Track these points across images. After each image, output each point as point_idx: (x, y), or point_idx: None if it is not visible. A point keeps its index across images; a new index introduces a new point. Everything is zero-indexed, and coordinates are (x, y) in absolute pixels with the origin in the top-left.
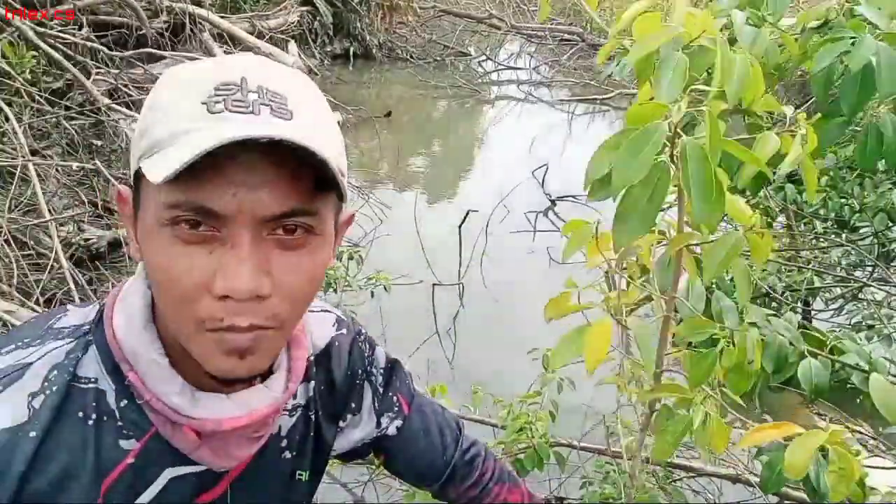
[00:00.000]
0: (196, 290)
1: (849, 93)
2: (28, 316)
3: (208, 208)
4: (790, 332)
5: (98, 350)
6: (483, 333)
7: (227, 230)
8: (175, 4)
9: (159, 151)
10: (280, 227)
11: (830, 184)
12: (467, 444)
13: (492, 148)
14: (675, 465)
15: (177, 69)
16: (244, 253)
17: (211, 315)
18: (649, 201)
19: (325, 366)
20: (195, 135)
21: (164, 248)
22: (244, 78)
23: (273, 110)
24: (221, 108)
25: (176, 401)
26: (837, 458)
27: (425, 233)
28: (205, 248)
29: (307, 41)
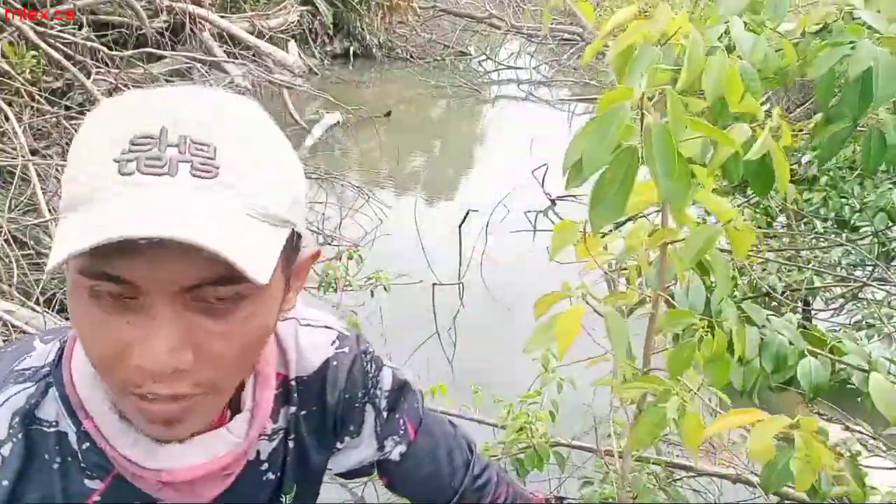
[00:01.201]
0: (115, 357)
1: (851, 98)
2: (28, 316)
3: (119, 277)
4: (790, 332)
5: (58, 393)
6: (483, 333)
7: (146, 298)
8: (175, 4)
9: (72, 212)
10: (204, 295)
11: (830, 184)
12: (479, 469)
13: (492, 148)
14: (675, 465)
15: (108, 103)
16: (162, 325)
17: (130, 382)
18: (621, 184)
19: (317, 387)
20: (103, 205)
21: (82, 311)
22: (164, 129)
23: (193, 167)
24: (132, 169)
25: (129, 452)
26: (803, 444)
27: (425, 233)
28: (122, 317)
29: (307, 41)
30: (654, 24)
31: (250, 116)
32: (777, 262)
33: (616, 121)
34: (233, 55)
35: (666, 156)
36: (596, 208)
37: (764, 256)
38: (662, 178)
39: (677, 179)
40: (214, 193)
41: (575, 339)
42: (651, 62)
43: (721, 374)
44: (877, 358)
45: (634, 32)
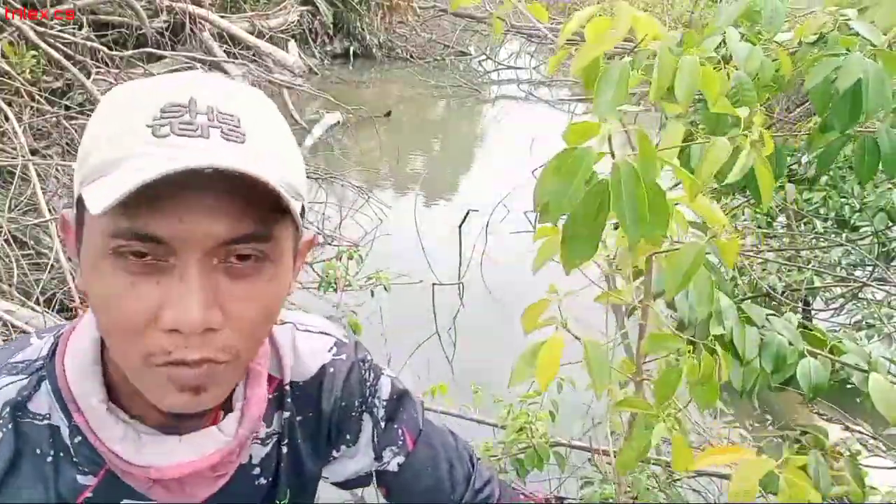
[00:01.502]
0: (142, 323)
1: (840, 110)
2: (28, 316)
3: (154, 236)
4: (789, 332)
5: (50, 386)
6: (483, 333)
7: (175, 259)
8: (175, 4)
9: (101, 178)
10: (232, 254)
11: (830, 184)
12: (481, 483)
13: (492, 148)
14: None
15: (120, 89)
16: (193, 283)
17: (160, 349)
18: (594, 222)
19: (313, 393)
20: (138, 160)
21: (107, 279)
22: (192, 98)
23: (224, 133)
24: (167, 132)
25: (118, 447)
26: (788, 487)
27: (425, 233)
28: (151, 279)
29: (307, 41)
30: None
31: (259, 97)
32: (777, 262)
33: (583, 165)
34: (233, 55)
35: (634, 200)
36: (569, 249)
37: (764, 256)
38: (631, 225)
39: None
40: (243, 156)
41: (575, 339)
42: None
43: (709, 396)
44: (876, 358)
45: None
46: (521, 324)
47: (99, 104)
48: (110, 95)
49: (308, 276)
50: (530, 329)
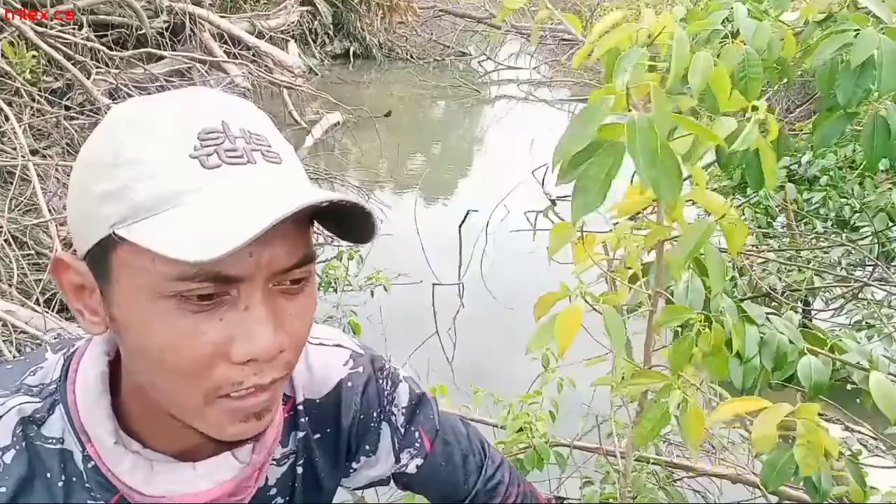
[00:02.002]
0: (210, 360)
1: (846, 84)
2: (28, 316)
3: (226, 275)
4: (790, 331)
5: (64, 411)
6: (483, 333)
7: (239, 291)
8: (175, 4)
9: (150, 217)
10: (288, 278)
11: (830, 183)
12: (492, 470)
13: (492, 148)
14: (675, 465)
15: (132, 114)
16: (261, 313)
17: (228, 382)
18: (605, 178)
19: (331, 410)
20: (201, 197)
21: (167, 323)
22: (225, 122)
23: (264, 155)
24: (217, 162)
25: (128, 478)
26: (805, 430)
27: (425, 232)
28: (214, 316)
29: (307, 41)
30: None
31: (256, 109)
32: (777, 262)
33: (597, 115)
34: (233, 55)
35: (648, 147)
36: (578, 199)
37: (764, 256)
38: (645, 168)
39: (664, 173)
40: (290, 177)
41: (574, 339)
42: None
43: (720, 367)
44: (877, 357)
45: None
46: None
47: (107, 128)
48: (125, 120)
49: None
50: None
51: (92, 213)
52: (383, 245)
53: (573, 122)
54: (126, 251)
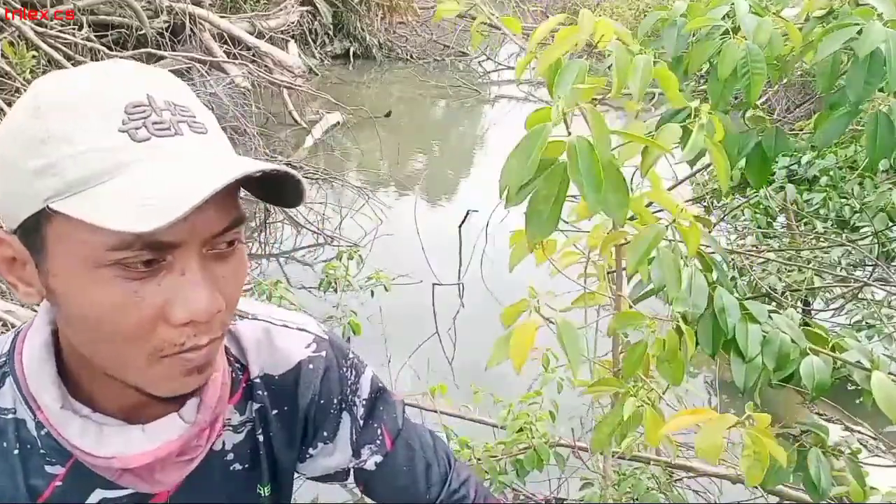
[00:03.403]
0: (151, 324)
1: (855, 80)
2: (28, 316)
3: (163, 242)
4: (792, 330)
5: (13, 381)
6: (483, 333)
7: (175, 256)
8: (175, 4)
9: (85, 190)
10: (221, 241)
11: (830, 184)
12: (457, 484)
13: (492, 148)
14: (675, 465)
15: (56, 90)
16: (198, 277)
17: (169, 343)
18: (554, 202)
19: (289, 387)
20: (134, 169)
21: (106, 291)
22: (150, 95)
23: (190, 126)
24: (147, 135)
25: (78, 441)
26: (751, 441)
27: (425, 232)
28: (153, 281)
29: (307, 41)
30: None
31: (175, 78)
32: (777, 262)
33: (538, 142)
34: (233, 55)
35: (590, 170)
36: (531, 225)
37: (764, 256)
38: (588, 191)
39: (609, 191)
40: (217, 146)
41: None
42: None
43: (676, 373)
44: (879, 356)
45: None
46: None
47: (32, 105)
48: (50, 97)
49: (308, 276)
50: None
51: (23, 189)
52: (383, 245)
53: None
54: (62, 224)
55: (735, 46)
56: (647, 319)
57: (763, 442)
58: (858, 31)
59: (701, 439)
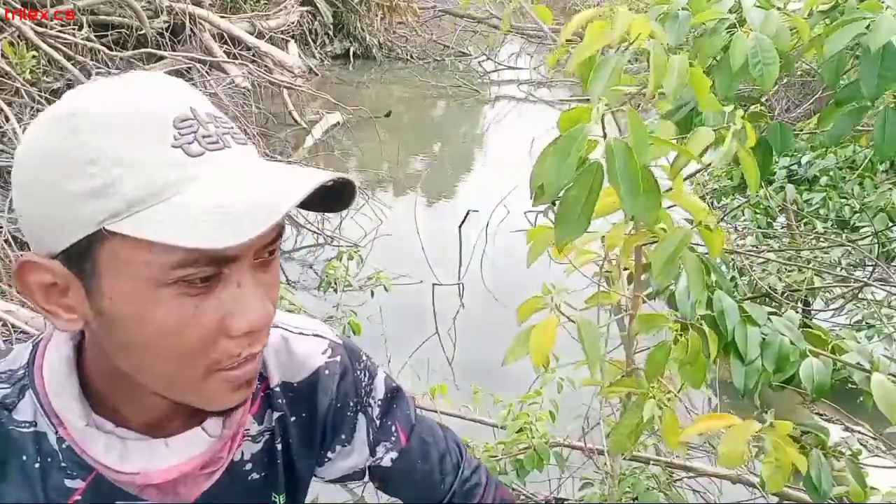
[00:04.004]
0: (211, 337)
1: (869, 74)
2: (28, 316)
3: (226, 256)
4: (791, 332)
5: (34, 394)
6: (483, 333)
7: (231, 269)
8: (175, 4)
9: (145, 209)
10: (267, 250)
11: (830, 184)
12: (468, 472)
13: (492, 148)
14: (675, 465)
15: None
16: (253, 288)
17: (228, 355)
18: (586, 202)
19: (306, 396)
20: (195, 184)
21: (166, 308)
22: (192, 108)
23: (234, 138)
24: (200, 150)
25: (103, 458)
26: (773, 449)
27: (425, 233)
28: (212, 295)
29: (307, 41)
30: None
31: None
32: (777, 263)
33: (576, 144)
34: (233, 55)
35: (629, 174)
36: (562, 226)
37: (764, 257)
38: (626, 196)
39: (643, 194)
40: (256, 156)
41: (572, 339)
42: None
43: (697, 376)
44: (878, 357)
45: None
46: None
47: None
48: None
49: (308, 276)
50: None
51: (68, 213)
52: (383, 245)
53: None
54: (118, 245)
55: (744, 38)
56: (670, 321)
57: (785, 449)
58: (867, 26)
59: (724, 445)
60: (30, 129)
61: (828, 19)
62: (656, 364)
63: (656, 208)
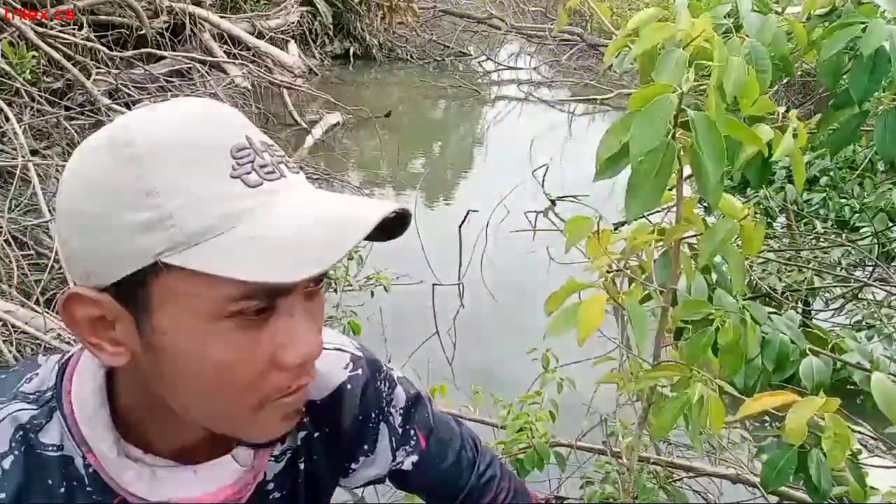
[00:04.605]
0: (265, 370)
1: (859, 78)
2: (28, 316)
3: (281, 288)
4: (791, 331)
5: (62, 418)
6: (483, 333)
7: (283, 301)
8: (175, 4)
9: (204, 242)
10: (314, 281)
11: (830, 184)
12: (484, 466)
13: (492, 148)
14: (675, 465)
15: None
16: (305, 319)
17: (278, 388)
18: (657, 175)
19: (330, 412)
20: (255, 215)
21: (223, 341)
22: (248, 137)
23: (288, 167)
24: (259, 180)
25: (132, 489)
26: (832, 424)
27: (425, 233)
28: (266, 327)
29: (307, 41)
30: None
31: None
32: (777, 263)
33: (662, 111)
34: (233, 55)
35: (712, 145)
36: (633, 198)
37: (764, 257)
38: (713, 166)
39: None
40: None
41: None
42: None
43: (734, 364)
44: (878, 357)
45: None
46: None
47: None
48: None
49: None
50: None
51: (122, 245)
52: (383, 245)
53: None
54: (174, 278)
55: (738, 45)
56: (712, 308)
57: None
58: (863, 30)
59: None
60: (78, 155)
61: (826, 23)
62: (698, 349)
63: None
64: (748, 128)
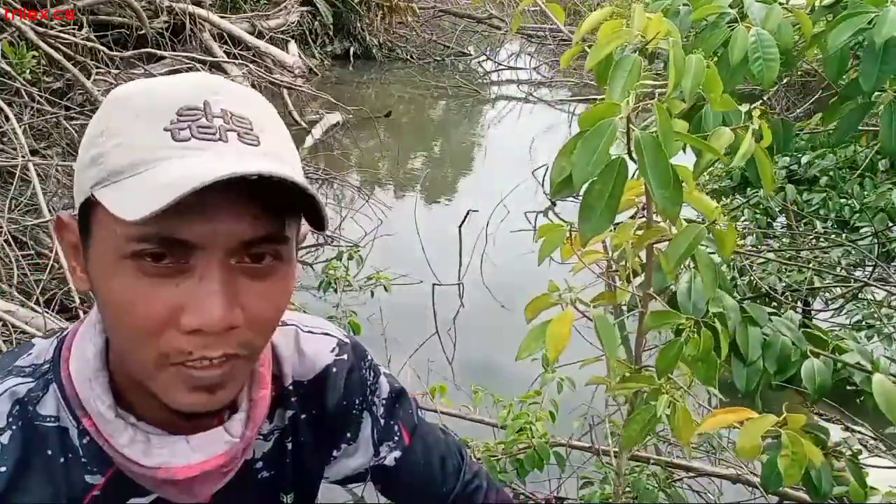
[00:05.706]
0: (160, 325)
1: (869, 68)
2: (28, 316)
3: (181, 239)
4: (792, 332)
5: (58, 389)
6: (483, 333)
7: (196, 260)
8: (175, 4)
9: (120, 180)
10: (249, 254)
11: (830, 184)
12: (470, 475)
13: (492, 148)
14: (675, 465)
15: (126, 91)
16: (215, 284)
17: (176, 350)
18: (610, 196)
19: (315, 394)
20: (164, 165)
21: (125, 282)
22: (207, 102)
23: (240, 136)
24: (188, 136)
25: (126, 451)
26: (790, 442)
27: (425, 233)
28: (170, 281)
29: (307, 41)
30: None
31: (264, 101)
32: (777, 263)
33: (605, 136)
34: (233, 55)
35: (659, 168)
36: (586, 221)
37: (764, 257)
38: (657, 190)
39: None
40: (265, 159)
41: (571, 340)
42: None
43: (708, 372)
44: (879, 358)
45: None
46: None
47: (105, 103)
48: (119, 96)
49: (308, 276)
50: (532, 317)
51: (81, 178)
52: (383, 245)
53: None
54: (101, 212)
55: (745, 32)
56: (682, 318)
57: (801, 442)
58: (870, 21)
59: (743, 439)
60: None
61: (831, 14)
62: (668, 361)
63: (680, 202)
64: (698, 138)
